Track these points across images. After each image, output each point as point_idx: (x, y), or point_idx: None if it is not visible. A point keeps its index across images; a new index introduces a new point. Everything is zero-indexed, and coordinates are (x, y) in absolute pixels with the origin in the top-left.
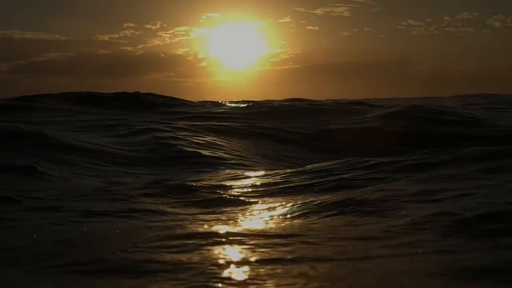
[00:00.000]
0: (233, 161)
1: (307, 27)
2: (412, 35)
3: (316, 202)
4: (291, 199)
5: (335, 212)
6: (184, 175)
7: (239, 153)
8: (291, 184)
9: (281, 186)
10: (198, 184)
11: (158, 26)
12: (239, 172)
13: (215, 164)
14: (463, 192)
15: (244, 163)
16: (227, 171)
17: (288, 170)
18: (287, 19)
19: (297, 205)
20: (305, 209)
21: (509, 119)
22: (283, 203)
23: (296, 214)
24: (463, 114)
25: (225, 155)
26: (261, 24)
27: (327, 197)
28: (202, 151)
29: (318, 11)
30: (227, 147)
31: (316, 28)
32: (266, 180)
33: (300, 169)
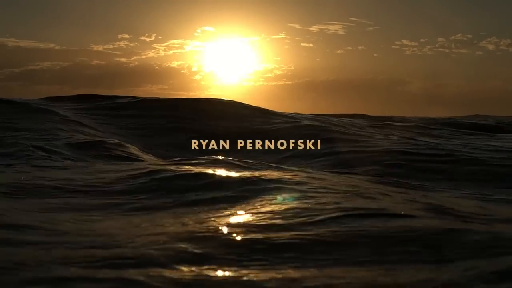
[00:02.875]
0: None
1: (302, 44)
2: (406, 55)
3: None
4: None
5: None
6: None
7: None
8: None
9: None
10: None
11: (153, 38)
12: None
13: None
14: None
15: None
16: None
17: None
18: (282, 35)
19: None
20: None
21: None
22: None
23: None
24: None
25: None
26: (256, 39)
27: None
28: None
29: (313, 28)
30: None
31: (311, 45)
32: None
33: None
